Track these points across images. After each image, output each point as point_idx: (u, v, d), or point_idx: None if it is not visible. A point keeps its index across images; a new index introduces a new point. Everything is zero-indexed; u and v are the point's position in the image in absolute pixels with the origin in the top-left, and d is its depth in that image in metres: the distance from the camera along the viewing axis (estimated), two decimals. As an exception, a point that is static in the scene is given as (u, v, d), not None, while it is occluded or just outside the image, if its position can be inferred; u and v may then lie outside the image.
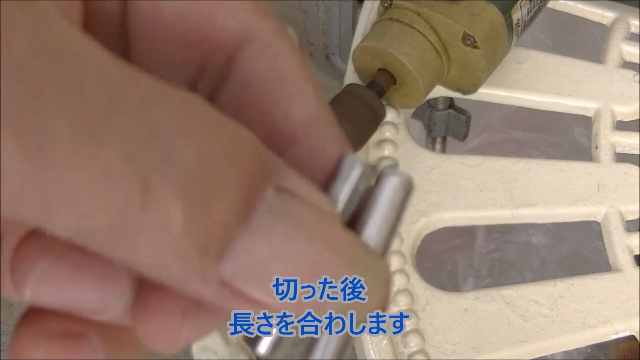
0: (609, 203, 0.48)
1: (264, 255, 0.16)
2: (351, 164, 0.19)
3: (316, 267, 0.16)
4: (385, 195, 0.19)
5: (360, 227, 0.18)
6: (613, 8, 0.58)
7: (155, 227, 0.14)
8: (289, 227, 0.16)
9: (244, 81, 0.19)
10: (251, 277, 0.16)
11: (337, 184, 0.19)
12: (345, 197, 0.18)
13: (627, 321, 0.44)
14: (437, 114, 0.61)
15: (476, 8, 0.47)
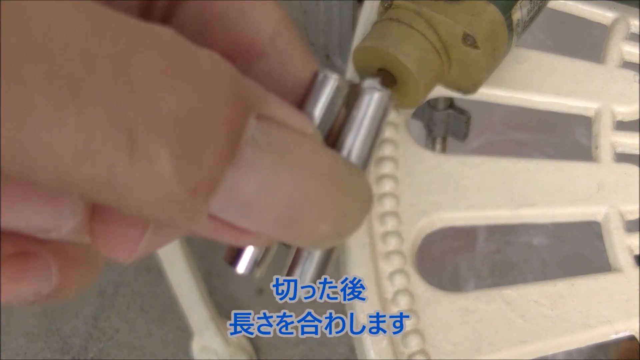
0: (609, 203, 0.48)
1: (251, 190, 0.16)
2: (325, 79, 0.19)
3: (304, 193, 0.17)
4: (365, 110, 0.19)
5: (341, 143, 0.19)
6: (613, 8, 0.58)
7: (144, 177, 0.14)
8: (273, 158, 0.16)
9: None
10: (240, 211, 0.16)
11: (313, 100, 0.19)
12: (322, 114, 0.18)
13: (627, 321, 0.44)
14: (437, 114, 0.61)
15: (476, 8, 0.47)
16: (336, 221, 0.17)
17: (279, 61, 0.19)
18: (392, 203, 0.48)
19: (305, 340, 1.20)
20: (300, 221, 0.17)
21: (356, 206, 0.18)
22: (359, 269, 0.45)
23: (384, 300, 0.44)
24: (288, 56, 0.19)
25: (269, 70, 0.19)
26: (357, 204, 0.18)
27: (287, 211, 0.16)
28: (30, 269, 0.18)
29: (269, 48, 0.19)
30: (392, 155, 0.50)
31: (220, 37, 0.19)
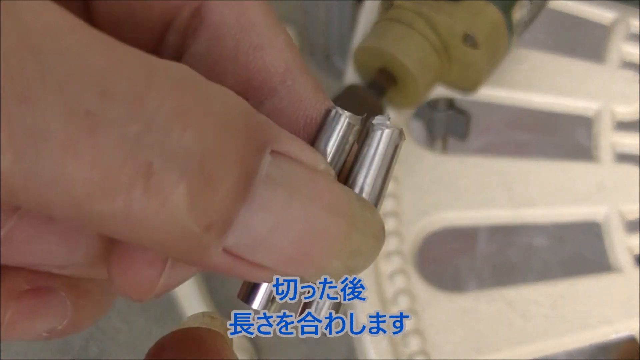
0: (609, 203, 0.48)
1: (265, 227, 0.16)
2: (337, 116, 0.19)
3: (316, 231, 0.17)
4: (376, 147, 0.19)
5: (354, 180, 0.19)
6: (613, 8, 0.58)
7: (159, 212, 0.15)
8: (287, 194, 0.16)
9: (214, 33, 0.19)
10: (253, 248, 0.16)
11: (324, 137, 0.19)
12: (335, 150, 0.19)
13: (627, 321, 0.44)
14: (438, 114, 0.61)
15: (476, 8, 0.47)
16: (348, 258, 0.17)
17: (291, 99, 0.19)
18: (392, 203, 0.48)
19: (305, 340, 1.20)
20: (312, 258, 0.17)
21: (368, 243, 0.18)
22: (359, 269, 0.45)
23: (384, 300, 0.44)
24: (299, 94, 0.19)
25: (281, 108, 0.19)
26: (369, 241, 0.18)
27: (299, 248, 0.17)
28: (46, 305, 0.18)
29: (280, 86, 0.19)
30: (392, 156, 0.50)
31: (231, 74, 0.19)
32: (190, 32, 0.19)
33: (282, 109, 0.19)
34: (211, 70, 0.19)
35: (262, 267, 0.17)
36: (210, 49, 0.19)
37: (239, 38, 0.19)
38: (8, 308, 0.18)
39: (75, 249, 0.18)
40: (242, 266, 0.17)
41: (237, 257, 0.16)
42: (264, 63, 0.19)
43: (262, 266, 0.17)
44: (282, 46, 0.19)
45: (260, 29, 0.19)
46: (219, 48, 0.19)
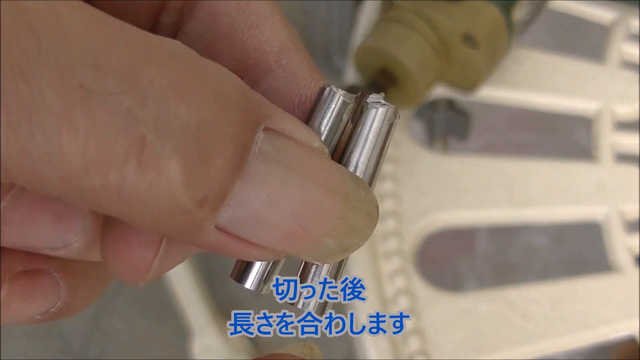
0: (609, 203, 0.48)
1: (259, 203, 0.16)
2: (331, 94, 0.19)
3: (311, 208, 0.17)
4: (370, 125, 0.19)
5: (348, 159, 0.19)
6: (613, 8, 0.58)
7: (153, 187, 0.15)
8: (281, 171, 0.16)
9: (209, 12, 0.19)
10: (247, 224, 0.16)
11: (319, 115, 0.19)
12: (329, 128, 0.19)
13: (627, 321, 0.44)
14: (438, 114, 0.61)
15: (476, 8, 0.47)
16: (342, 236, 0.18)
17: (286, 78, 0.19)
18: (393, 203, 0.48)
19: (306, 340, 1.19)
20: (306, 235, 0.17)
21: (362, 222, 0.18)
22: (359, 269, 0.45)
23: (384, 300, 0.44)
24: (294, 73, 0.20)
25: (276, 86, 0.19)
26: (363, 219, 0.18)
27: (294, 225, 0.16)
28: (40, 286, 0.18)
29: (275, 65, 0.19)
30: (392, 155, 0.50)
31: (227, 52, 0.19)
32: (186, 11, 0.19)
33: (277, 88, 0.19)
34: (207, 49, 0.19)
35: (256, 245, 0.17)
36: (206, 27, 0.19)
37: (234, 16, 0.19)
38: (2, 289, 0.18)
39: (69, 231, 0.18)
40: (236, 244, 0.16)
41: (231, 234, 0.16)
42: (259, 42, 0.19)
43: (256, 244, 0.17)
44: (278, 25, 0.20)
45: (257, 7, 0.19)
46: (215, 27, 0.19)
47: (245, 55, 0.19)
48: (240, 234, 0.16)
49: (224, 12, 0.19)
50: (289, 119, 0.17)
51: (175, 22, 0.20)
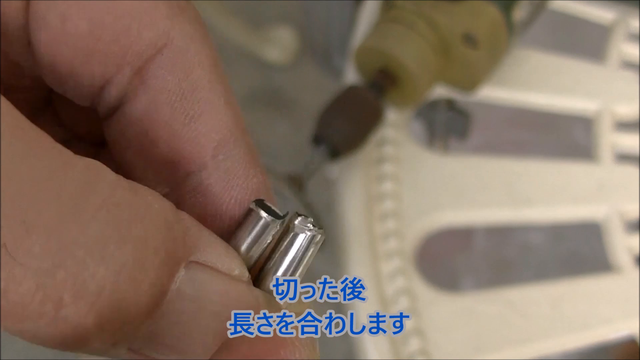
0: (609, 203, 0.48)
1: (172, 338, 0.17)
2: (256, 217, 0.19)
3: (223, 337, 0.17)
4: (292, 248, 0.19)
5: (266, 275, 0.19)
6: (613, 8, 0.58)
7: (66, 335, 0.15)
8: (196, 306, 0.17)
9: (152, 98, 0.19)
10: (158, 350, 0.17)
11: (243, 235, 0.19)
12: (251, 249, 0.19)
13: (627, 321, 0.44)
14: (438, 114, 0.61)
15: (476, 8, 0.47)
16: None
17: (219, 176, 0.19)
18: (393, 203, 0.48)
19: (305, 340, 1.19)
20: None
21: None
22: (359, 269, 0.45)
23: (384, 300, 0.44)
24: (229, 171, 0.19)
25: (208, 183, 0.19)
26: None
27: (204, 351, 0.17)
28: None
29: (210, 160, 0.19)
30: (392, 155, 0.50)
31: (164, 141, 0.19)
32: (130, 90, 0.19)
33: (209, 186, 0.19)
34: (144, 136, 0.19)
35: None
36: (147, 113, 0.19)
37: (176, 104, 0.19)
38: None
39: None
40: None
41: (143, 354, 0.17)
42: (196, 135, 0.19)
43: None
44: (222, 114, 0.19)
45: (202, 94, 0.19)
46: (155, 112, 0.19)
47: (182, 147, 0.19)
48: (151, 355, 0.17)
49: (167, 101, 0.19)
50: (213, 248, 0.17)
51: (117, 99, 0.19)
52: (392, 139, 0.50)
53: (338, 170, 0.49)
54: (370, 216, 0.47)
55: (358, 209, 0.47)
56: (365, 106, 0.46)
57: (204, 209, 0.19)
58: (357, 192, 0.48)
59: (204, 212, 0.19)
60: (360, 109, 0.46)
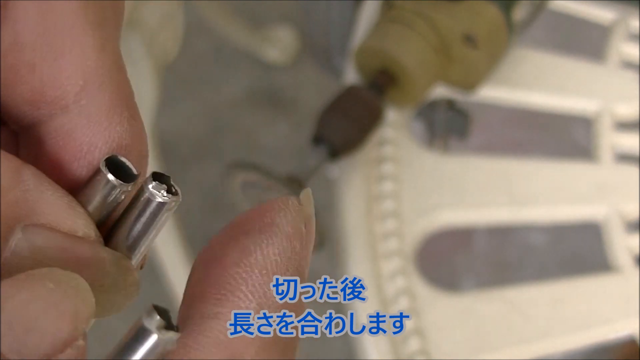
0: (609, 203, 0.48)
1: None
2: (105, 180, 0.19)
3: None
4: (145, 215, 0.19)
5: (117, 236, 0.19)
6: (613, 8, 0.58)
7: None
8: (35, 264, 0.17)
9: (13, 34, 0.18)
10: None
11: (91, 194, 0.19)
12: (97, 210, 0.19)
13: (627, 321, 0.44)
14: (438, 114, 0.61)
15: (476, 8, 0.47)
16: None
17: (80, 122, 0.19)
18: (392, 203, 0.48)
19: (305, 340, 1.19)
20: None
21: (115, 300, 0.19)
22: (359, 269, 0.45)
23: (384, 300, 0.44)
24: (90, 116, 0.19)
25: (69, 129, 0.19)
26: (116, 298, 0.19)
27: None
28: None
29: (73, 104, 0.19)
30: (392, 155, 0.50)
31: (26, 83, 0.18)
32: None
33: (70, 131, 0.19)
34: (7, 75, 0.18)
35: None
36: (9, 51, 0.18)
37: (37, 39, 0.18)
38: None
39: None
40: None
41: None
42: (59, 77, 0.18)
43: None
44: (87, 52, 0.18)
45: (68, 31, 0.18)
46: (17, 52, 0.18)
47: (44, 89, 0.18)
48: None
49: (28, 38, 0.18)
50: (54, 209, 0.18)
51: None
52: (392, 139, 0.50)
53: (338, 170, 0.49)
54: (370, 216, 0.47)
55: (358, 209, 0.47)
56: (365, 106, 0.46)
57: (63, 153, 0.19)
58: (357, 192, 0.48)
59: (62, 156, 0.19)
60: (360, 109, 0.46)
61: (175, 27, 1.08)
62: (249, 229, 0.18)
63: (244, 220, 0.19)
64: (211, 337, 0.17)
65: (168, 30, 1.06)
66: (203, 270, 0.18)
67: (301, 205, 0.20)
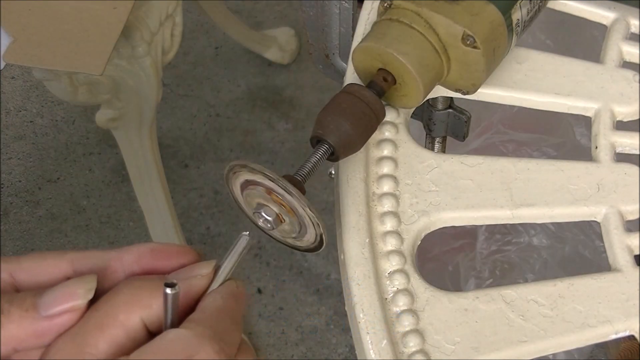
0: (609, 203, 0.48)
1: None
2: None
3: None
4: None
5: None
6: (613, 8, 0.58)
7: None
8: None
9: None
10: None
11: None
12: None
13: (627, 321, 0.44)
14: (437, 113, 0.61)
15: (476, 8, 0.47)
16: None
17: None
18: (392, 203, 0.48)
19: (305, 340, 1.20)
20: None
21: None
22: (359, 269, 0.45)
23: (384, 300, 0.44)
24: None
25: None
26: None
27: None
28: None
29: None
30: (392, 155, 0.50)
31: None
32: None
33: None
34: None
35: None
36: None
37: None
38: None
39: None
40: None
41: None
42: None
43: None
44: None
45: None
46: None
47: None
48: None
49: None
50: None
51: None
52: (392, 139, 0.50)
53: (338, 170, 0.49)
54: (370, 216, 0.47)
55: (358, 209, 0.47)
56: (363, 107, 0.46)
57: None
58: (357, 192, 0.48)
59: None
60: (360, 109, 0.46)
61: (175, 27, 1.08)
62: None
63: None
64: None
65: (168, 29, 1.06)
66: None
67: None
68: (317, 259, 1.32)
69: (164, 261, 0.35)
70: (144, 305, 0.33)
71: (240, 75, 1.61)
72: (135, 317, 0.33)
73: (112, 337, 0.32)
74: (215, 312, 0.34)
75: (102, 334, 0.32)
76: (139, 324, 0.33)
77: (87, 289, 0.33)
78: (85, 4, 0.89)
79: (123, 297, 0.33)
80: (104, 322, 0.32)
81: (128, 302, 0.33)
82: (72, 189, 1.44)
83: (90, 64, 0.84)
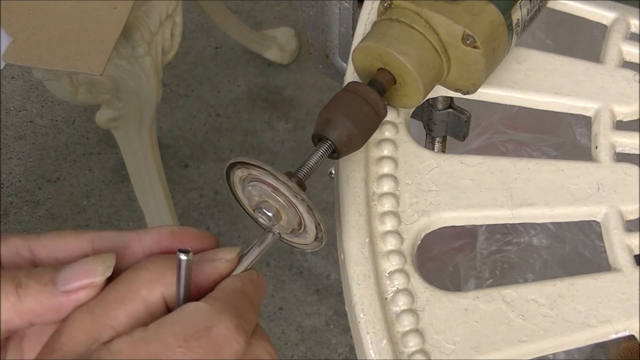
0: (609, 203, 0.48)
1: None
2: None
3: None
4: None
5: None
6: (613, 8, 0.58)
7: None
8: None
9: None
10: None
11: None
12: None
13: (627, 321, 0.44)
14: (437, 113, 0.61)
15: (476, 8, 0.47)
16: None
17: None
18: (392, 203, 0.48)
19: (305, 340, 1.20)
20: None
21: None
22: (359, 269, 0.45)
23: (384, 300, 0.44)
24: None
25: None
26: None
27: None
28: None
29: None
30: (392, 155, 0.50)
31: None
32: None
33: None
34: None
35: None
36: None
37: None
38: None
39: None
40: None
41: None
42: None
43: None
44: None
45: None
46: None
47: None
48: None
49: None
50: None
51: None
52: (392, 138, 0.50)
53: (338, 169, 0.49)
54: (370, 216, 0.47)
55: (358, 209, 0.47)
56: (365, 105, 0.46)
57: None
58: (357, 192, 0.48)
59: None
60: (360, 108, 0.46)
61: (175, 27, 1.08)
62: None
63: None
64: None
65: (168, 29, 1.06)
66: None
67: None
68: (317, 259, 1.32)
69: (184, 244, 0.36)
70: (166, 282, 0.33)
71: (240, 75, 1.61)
72: (156, 293, 0.33)
73: (132, 311, 0.33)
74: (233, 292, 0.35)
75: (124, 307, 0.32)
76: (159, 299, 0.33)
77: (105, 267, 0.33)
78: (85, 4, 0.89)
79: (147, 274, 0.33)
80: (126, 296, 0.33)
81: (151, 279, 0.33)
82: (72, 189, 1.44)
83: (90, 64, 0.84)
